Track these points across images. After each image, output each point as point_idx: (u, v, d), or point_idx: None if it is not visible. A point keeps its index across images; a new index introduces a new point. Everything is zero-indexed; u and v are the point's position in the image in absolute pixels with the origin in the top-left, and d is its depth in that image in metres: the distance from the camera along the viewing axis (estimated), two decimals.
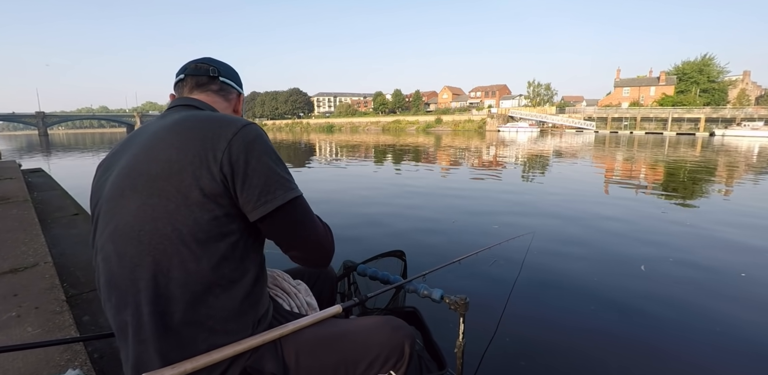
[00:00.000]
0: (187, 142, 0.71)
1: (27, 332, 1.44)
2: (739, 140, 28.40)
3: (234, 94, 0.99)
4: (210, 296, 0.70)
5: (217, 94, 0.94)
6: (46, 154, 18.81)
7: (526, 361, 1.94)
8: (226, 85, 0.96)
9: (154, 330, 0.68)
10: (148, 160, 0.72)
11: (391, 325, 0.93)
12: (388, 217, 4.95)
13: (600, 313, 2.41)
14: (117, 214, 0.71)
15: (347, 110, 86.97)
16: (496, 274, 2.94)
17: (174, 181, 0.69)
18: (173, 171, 0.69)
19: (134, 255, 0.68)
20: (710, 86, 50.42)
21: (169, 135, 0.73)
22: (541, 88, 61.33)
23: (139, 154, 0.74)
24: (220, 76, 0.94)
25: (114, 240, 0.70)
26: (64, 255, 2.44)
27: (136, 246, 0.68)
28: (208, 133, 0.72)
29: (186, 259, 0.68)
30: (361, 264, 1.49)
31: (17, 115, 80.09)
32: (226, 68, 0.97)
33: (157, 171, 0.70)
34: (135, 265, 0.68)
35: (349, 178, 8.97)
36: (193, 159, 0.69)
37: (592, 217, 4.88)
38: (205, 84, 0.93)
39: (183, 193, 0.68)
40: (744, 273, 3.03)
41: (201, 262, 0.68)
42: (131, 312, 0.69)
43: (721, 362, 1.93)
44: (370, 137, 34.70)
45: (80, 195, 4.81)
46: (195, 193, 0.68)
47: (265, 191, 0.72)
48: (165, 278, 0.68)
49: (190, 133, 0.73)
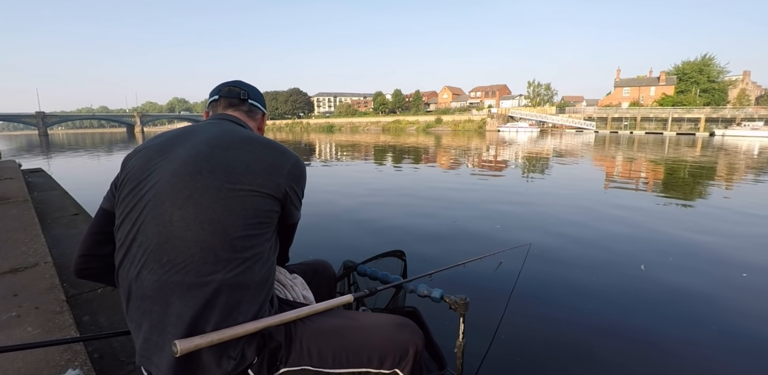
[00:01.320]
0: (263, 155, 0.90)
1: (27, 332, 1.44)
2: (739, 140, 28.41)
3: (259, 114, 1.15)
4: (250, 267, 0.81)
5: (246, 114, 1.09)
6: (46, 154, 18.81)
7: (526, 361, 1.94)
8: (254, 106, 1.12)
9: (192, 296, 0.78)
10: (227, 155, 0.87)
11: (399, 323, 0.96)
12: (388, 217, 4.95)
13: (600, 313, 2.41)
14: (191, 187, 0.82)
15: (347, 110, 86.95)
16: (497, 275, 2.94)
17: (249, 178, 0.85)
18: (249, 171, 0.86)
19: (203, 221, 0.79)
20: (710, 86, 50.41)
21: (245, 143, 0.91)
22: (541, 88, 61.35)
23: (216, 147, 0.88)
24: (249, 99, 1.10)
25: (183, 206, 0.80)
26: (64, 255, 2.45)
27: (207, 213, 0.80)
28: (276, 158, 0.91)
29: (244, 234, 0.81)
30: (361, 264, 1.49)
31: (17, 115, 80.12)
32: (254, 91, 1.13)
33: (236, 166, 0.85)
34: (203, 229, 0.79)
35: (349, 178, 8.97)
36: (266, 168, 0.88)
37: (592, 217, 4.88)
38: (236, 105, 1.09)
39: (253, 187, 0.84)
40: (745, 273, 3.02)
41: (248, 239, 0.82)
42: (178, 273, 0.78)
43: (721, 362, 1.93)
44: (370, 137, 34.70)
45: (80, 195, 4.81)
46: (262, 190, 0.85)
47: (296, 208, 0.97)
48: (220, 244, 0.79)
49: (262, 150, 0.91)
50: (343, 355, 0.87)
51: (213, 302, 0.76)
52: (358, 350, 0.88)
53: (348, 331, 0.91)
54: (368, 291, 1.12)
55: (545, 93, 61.38)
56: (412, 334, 0.95)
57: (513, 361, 1.93)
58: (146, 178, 0.86)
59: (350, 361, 0.88)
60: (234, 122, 1.03)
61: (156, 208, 0.82)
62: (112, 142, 32.37)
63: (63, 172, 10.35)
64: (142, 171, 0.87)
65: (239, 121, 1.04)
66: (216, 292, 0.77)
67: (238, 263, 0.79)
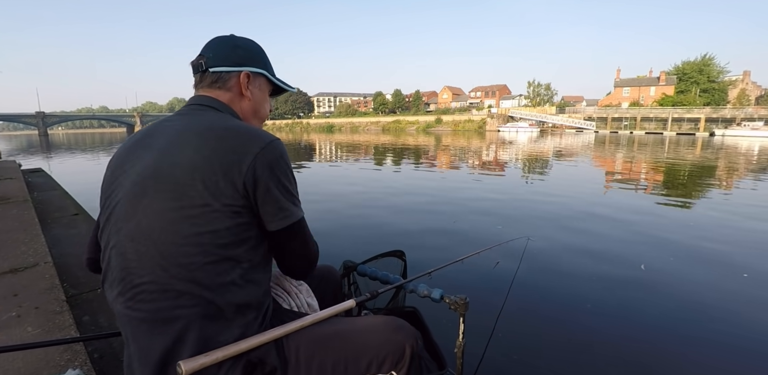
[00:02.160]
0: (215, 151, 0.73)
1: (27, 332, 1.44)
2: (739, 140, 28.40)
3: (232, 79, 0.90)
4: (221, 296, 0.72)
5: (213, 87, 0.90)
6: (46, 154, 18.81)
7: (526, 360, 1.94)
8: (218, 73, 0.89)
9: None
10: (174, 163, 0.74)
11: (394, 326, 0.93)
12: (389, 217, 4.95)
13: (599, 312, 2.41)
14: (140, 213, 0.73)
15: (347, 110, 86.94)
16: (496, 274, 2.94)
17: (199, 189, 0.71)
18: (198, 179, 0.71)
19: (154, 255, 0.71)
20: (710, 86, 50.41)
21: (197, 140, 0.75)
22: (541, 88, 61.35)
23: (165, 155, 0.75)
24: (211, 67, 0.88)
25: (134, 238, 0.73)
26: (64, 255, 2.44)
27: (157, 247, 0.71)
28: (236, 146, 0.74)
29: (205, 261, 0.71)
30: (361, 264, 1.49)
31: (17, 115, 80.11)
32: (215, 52, 0.89)
33: (183, 176, 0.72)
34: (156, 264, 0.71)
35: (349, 178, 8.97)
36: (218, 169, 0.72)
37: (591, 217, 4.88)
38: (204, 80, 0.90)
39: (206, 201, 0.71)
40: (746, 273, 3.02)
41: (216, 266, 0.72)
42: (140, 311, 0.72)
43: (721, 362, 1.93)
44: (370, 137, 34.69)
45: (80, 195, 4.81)
46: (217, 201, 0.71)
47: (281, 207, 0.78)
48: (179, 280, 0.70)
49: (218, 142, 0.75)
50: (341, 366, 0.83)
51: (183, 338, 0.70)
52: (356, 358, 0.85)
53: (345, 340, 0.87)
54: (369, 294, 1.10)
55: (545, 93, 61.38)
56: (408, 335, 0.92)
57: (512, 361, 1.92)
58: (111, 194, 0.79)
59: (349, 370, 0.84)
60: (201, 107, 0.86)
61: (116, 235, 0.75)
62: (112, 142, 32.36)
63: (63, 172, 10.34)
64: (109, 184, 0.81)
65: (207, 102, 0.87)
66: (185, 328, 0.70)
67: (207, 296, 0.71)
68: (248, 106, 0.93)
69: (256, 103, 0.95)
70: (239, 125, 0.80)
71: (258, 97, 0.94)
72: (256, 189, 0.74)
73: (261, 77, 0.94)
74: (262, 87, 0.96)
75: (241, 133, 0.77)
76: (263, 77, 0.95)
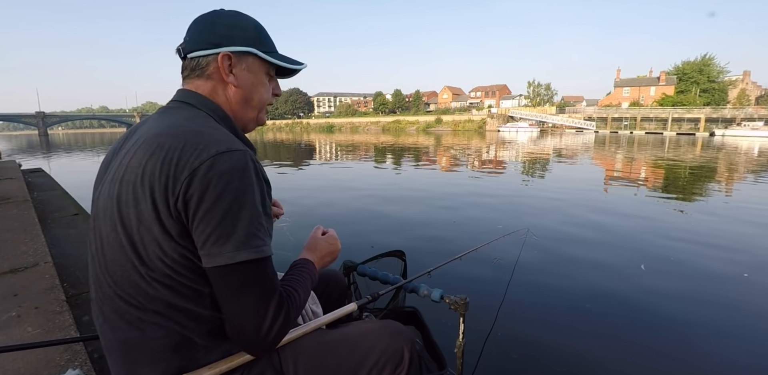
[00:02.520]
0: (154, 165, 0.62)
1: (27, 332, 1.44)
2: (739, 140, 28.39)
3: (212, 64, 0.75)
4: (194, 323, 0.67)
5: (193, 77, 0.77)
6: (46, 154, 18.80)
7: (524, 359, 1.94)
8: (196, 59, 0.75)
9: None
10: (121, 183, 0.65)
11: (391, 330, 0.91)
12: (389, 217, 4.94)
13: (598, 311, 2.41)
14: (98, 237, 0.68)
15: (347, 110, 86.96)
16: (495, 272, 2.94)
17: (141, 208, 0.62)
18: (138, 198, 0.62)
19: (110, 284, 0.67)
20: (710, 86, 50.44)
21: (143, 149, 0.65)
22: (541, 88, 61.38)
23: (119, 168, 0.67)
24: (188, 53, 0.75)
25: (94, 262, 0.69)
26: (64, 255, 2.44)
27: (110, 275, 0.66)
28: (173, 158, 0.61)
29: (159, 293, 0.64)
30: (361, 264, 1.49)
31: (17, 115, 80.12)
32: (192, 34, 0.75)
33: (126, 195, 0.64)
34: (114, 293, 0.66)
35: (349, 178, 8.96)
36: (154, 187, 0.61)
37: (591, 216, 4.88)
38: (184, 69, 0.78)
39: (146, 227, 0.62)
40: (747, 273, 3.02)
41: (176, 298, 0.65)
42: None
43: (721, 362, 1.93)
44: (370, 137, 34.69)
45: (80, 195, 4.81)
46: (156, 228, 0.61)
47: (213, 242, 0.61)
48: (140, 305, 0.65)
49: (159, 152, 0.63)
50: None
51: (162, 359, 0.66)
52: (356, 369, 0.82)
53: (343, 351, 0.83)
54: (371, 297, 1.09)
55: (545, 93, 61.42)
56: (406, 339, 0.90)
57: (511, 359, 1.92)
58: (96, 193, 0.74)
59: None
60: (177, 104, 0.75)
61: (94, 237, 0.70)
62: (112, 142, 32.27)
63: (63, 172, 10.34)
64: (93, 190, 0.76)
65: (183, 98, 0.75)
66: (162, 348, 0.66)
67: (180, 320, 0.66)
68: (235, 94, 0.78)
69: (246, 89, 0.78)
70: (193, 131, 0.66)
71: (246, 81, 0.78)
72: (188, 213, 0.61)
73: (249, 57, 0.77)
74: (252, 68, 0.78)
75: (187, 141, 0.63)
76: (252, 56, 0.77)
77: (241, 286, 0.62)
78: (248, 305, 0.63)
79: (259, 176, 0.66)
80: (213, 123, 0.72)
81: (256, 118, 0.83)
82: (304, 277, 0.80)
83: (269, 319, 0.64)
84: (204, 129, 0.67)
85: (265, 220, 0.66)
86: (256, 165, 0.66)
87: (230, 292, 0.63)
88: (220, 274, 0.62)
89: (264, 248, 0.64)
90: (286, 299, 0.68)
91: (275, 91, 0.86)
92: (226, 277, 0.62)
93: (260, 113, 0.84)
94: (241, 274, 0.62)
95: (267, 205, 0.68)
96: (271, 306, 0.64)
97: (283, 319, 0.65)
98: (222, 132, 0.69)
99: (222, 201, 0.60)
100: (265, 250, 0.64)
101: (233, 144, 0.65)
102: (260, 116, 0.84)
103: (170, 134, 0.65)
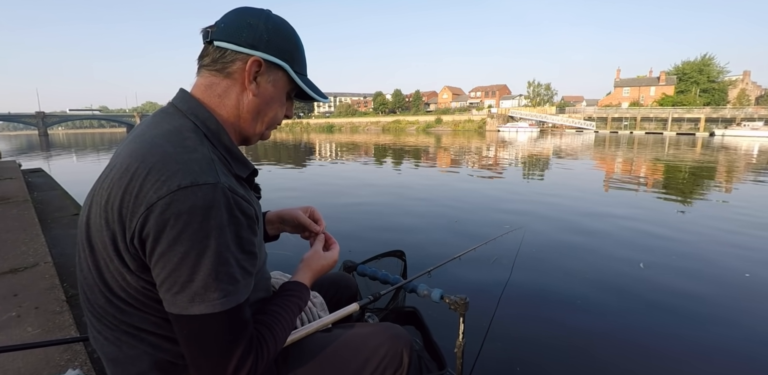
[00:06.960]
0: (116, 193, 0.56)
1: (27, 332, 1.44)
2: (739, 140, 28.39)
3: (238, 63, 0.67)
4: (168, 343, 0.65)
5: (211, 70, 0.68)
6: (46, 154, 18.80)
7: (524, 358, 1.94)
8: (222, 50, 0.67)
9: None
10: (91, 198, 0.62)
11: (390, 334, 0.90)
12: (389, 217, 4.94)
13: (598, 310, 2.41)
14: (78, 249, 0.67)
15: (347, 110, 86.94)
16: (494, 269, 2.94)
17: (109, 234, 0.57)
18: (102, 224, 0.58)
19: (86, 299, 0.66)
20: (710, 86, 50.47)
21: (117, 171, 0.59)
22: (541, 88, 61.40)
23: (99, 183, 0.63)
24: (215, 40, 0.67)
25: (78, 275, 0.68)
26: (64, 255, 2.44)
27: (84, 291, 0.66)
28: (135, 189, 0.55)
29: (128, 317, 0.62)
30: (361, 264, 1.49)
31: (17, 115, 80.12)
32: (229, 23, 0.67)
33: (93, 218, 0.60)
34: (91, 309, 0.66)
35: (350, 178, 8.96)
36: (114, 217, 0.56)
37: (591, 215, 4.87)
38: (206, 55, 0.69)
39: (108, 255, 0.58)
40: (748, 273, 3.02)
41: (144, 324, 0.63)
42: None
43: (721, 361, 1.93)
44: (370, 137, 34.68)
45: (80, 195, 4.80)
46: (116, 260, 0.58)
47: (167, 289, 0.55)
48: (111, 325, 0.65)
49: (124, 179, 0.56)
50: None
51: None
52: (355, 373, 0.82)
53: (342, 358, 0.82)
54: (372, 297, 1.09)
55: (545, 93, 61.43)
56: (404, 342, 0.89)
57: (509, 359, 1.92)
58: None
59: None
60: (170, 109, 0.68)
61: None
62: (112, 142, 32.34)
63: (63, 172, 10.34)
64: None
65: (178, 103, 0.68)
66: (145, 363, 0.65)
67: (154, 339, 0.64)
68: (250, 103, 0.70)
69: (263, 101, 0.71)
70: (164, 154, 0.58)
71: (267, 95, 0.71)
72: (144, 252, 0.56)
73: (279, 71, 0.71)
74: (278, 83, 0.72)
75: (153, 168, 0.56)
76: (283, 72, 0.71)
77: (199, 336, 0.57)
78: (208, 355, 0.57)
79: (234, 213, 0.58)
80: (194, 140, 0.62)
81: (261, 133, 0.77)
82: (291, 307, 0.74)
83: (230, 371, 0.57)
84: (177, 151, 0.59)
85: (243, 261, 0.60)
86: (230, 200, 0.57)
87: (189, 340, 0.57)
88: (176, 320, 0.57)
89: (225, 300, 0.56)
90: (256, 347, 0.61)
91: (287, 113, 0.80)
92: (182, 325, 0.57)
93: (267, 130, 0.77)
94: (197, 325, 0.56)
95: (246, 243, 0.60)
96: (234, 357, 0.58)
97: (248, 369, 0.59)
98: (199, 154, 0.60)
99: (179, 245, 0.53)
100: (226, 301, 0.56)
101: (201, 175, 0.56)
102: (266, 133, 0.78)
103: (140, 156, 0.58)
